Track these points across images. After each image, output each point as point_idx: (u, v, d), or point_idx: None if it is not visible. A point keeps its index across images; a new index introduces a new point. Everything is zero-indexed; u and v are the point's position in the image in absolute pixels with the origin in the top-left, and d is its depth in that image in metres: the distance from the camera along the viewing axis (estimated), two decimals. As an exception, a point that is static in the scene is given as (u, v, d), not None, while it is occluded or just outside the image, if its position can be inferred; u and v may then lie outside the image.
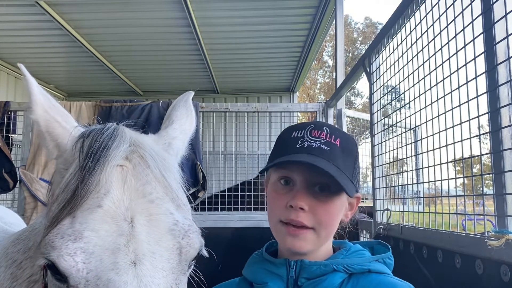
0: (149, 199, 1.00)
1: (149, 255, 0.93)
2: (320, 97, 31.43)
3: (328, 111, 4.67)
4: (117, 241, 0.92)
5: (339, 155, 1.19)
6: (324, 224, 1.17)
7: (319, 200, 1.16)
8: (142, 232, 0.94)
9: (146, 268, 0.91)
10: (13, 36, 5.91)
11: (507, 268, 1.46)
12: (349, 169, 1.20)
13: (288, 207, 1.16)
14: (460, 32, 1.86)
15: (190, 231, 1.02)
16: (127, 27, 5.62)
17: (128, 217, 0.95)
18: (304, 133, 1.22)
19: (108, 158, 1.01)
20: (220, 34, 5.93)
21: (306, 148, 1.19)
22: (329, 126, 1.25)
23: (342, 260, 1.19)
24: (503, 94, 1.59)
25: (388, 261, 1.23)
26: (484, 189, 1.84)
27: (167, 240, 0.97)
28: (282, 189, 1.21)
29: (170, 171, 1.10)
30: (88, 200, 0.96)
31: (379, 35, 2.93)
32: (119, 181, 1.00)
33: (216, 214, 4.40)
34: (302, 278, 1.17)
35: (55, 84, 8.34)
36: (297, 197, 1.15)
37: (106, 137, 1.05)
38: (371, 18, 46.60)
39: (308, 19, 5.63)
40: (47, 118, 1.13)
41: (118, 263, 0.90)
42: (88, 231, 0.92)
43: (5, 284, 1.37)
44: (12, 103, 4.54)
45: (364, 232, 3.35)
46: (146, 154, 1.07)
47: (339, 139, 1.21)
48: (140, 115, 4.37)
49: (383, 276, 1.17)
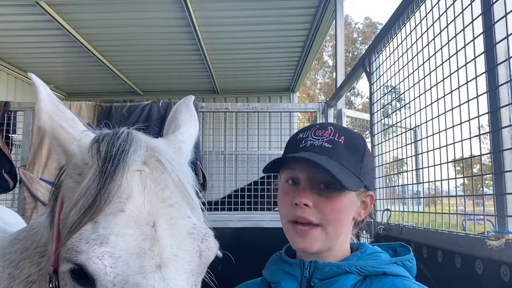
0: (169, 203, 1.02)
1: (172, 258, 0.95)
2: (320, 97, 31.44)
3: (328, 111, 4.67)
4: (142, 245, 0.94)
5: (343, 152, 1.19)
6: (331, 220, 1.17)
7: (324, 197, 1.17)
8: (165, 236, 0.97)
9: (170, 271, 0.94)
10: (13, 36, 5.91)
11: (507, 268, 1.46)
12: (355, 165, 1.20)
13: (293, 205, 1.18)
14: (460, 32, 1.86)
15: (207, 235, 1.05)
16: (127, 27, 5.62)
17: (150, 222, 0.97)
18: (309, 133, 1.25)
19: (127, 162, 1.03)
20: (220, 34, 5.93)
21: (308, 147, 1.21)
22: (335, 126, 1.26)
23: (356, 262, 1.18)
24: (503, 94, 1.59)
25: (408, 264, 1.21)
26: (484, 189, 1.84)
27: (187, 243, 1.00)
28: (289, 189, 1.23)
29: (185, 175, 1.12)
30: (110, 205, 0.97)
31: (379, 35, 2.93)
32: (139, 186, 1.02)
33: (216, 214, 4.40)
34: (315, 278, 1.18)
35: (55, 84, 8.34)
36: (300, 194, 1.17)
37: (123, 142, 1.07)
38: (371, 18, 46.58)
39: (308, 19, 5.63)
40: (52, 124, 1.14)
41: (145, 267, 0.91)
42: (113, 235, 0.93)
43: (2, 284, 1.37)
44: (12, 103, 4.55)
45: (364, 232, 3.35)
46: (163, 158, 1.09)
47: (344, 136, 1.22)
48: (140, 115, 4.37)
49: (400, 279, 1.15)
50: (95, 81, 8.09)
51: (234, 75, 7.87)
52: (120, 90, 8.53)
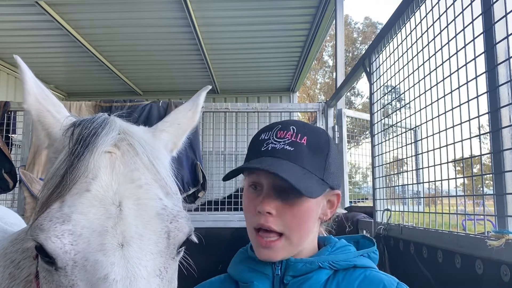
0: (138, 184, 1.02)
1: (137, 237, 0.95)
2: (320, 97, 31.44)
3: (328, 111, 4.67)
4: (104, 223, 0.94)
5: (305, 154, 1.16)
6: (294, 228, 1.15)
7: (287, 203, 1.15)
8: (130, 215, 0.97)
9: (133, 250, 0.93)
10: (13, 36, 5.91)
11: (507, 268, 1.46)
12: (318, 167, 1.17)
13: (257, 212, 1.15)
14: (460, 32, 1.86)
15: (179, 216, 1.04)
16: (127, 27, 5.62)
17: (116, 201, 0.97)
18: (271, 134, 1.21)
19: (96, 144, 1.03)
20: (220, 34, 5.93)
21: (270, 151, 1.17)
22: (297, 124, 1.23)
23: (328, 257, 1.18)
24: (503, 94, 1.58)
25: (373, 255, 1.23)
26: (484, 189, 1.84)
27: (155, 223, 0.99)
28: (252, 194, 1.20)
29: (159, 159, 1.12)
30: (76, 185, 0.98)
31: (379, 35, 2.93)
32: (108, 167, 1.02)
33: (216, 214, 4.40)
34: (288, 276, 1.16)
35: (55, 84, 8.34)
36: (264, 202, 1.14)
37: (96, 125, 1.08)
38: (371, 18, 46.62)
39: (308, 19, 5.63)
40: (39, 108, 1.16)
41: (106, 244, 0.92)
42: (77, 214, 0.94)
43: (3, 284, 1.37)
44: (12, 103, 4.55)
45: (364, 232, 3.35)
46: (135, 141, 1.09)
47: (306, 137, 1.18)
48: (140, 115, 4.37)
49: (369, 270, 1.17)
50: (95, 81, 8.09)
51: (234, 75, 7.87)
52: (120, 90, 8.53)
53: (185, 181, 4.32)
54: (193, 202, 4.40)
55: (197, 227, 4.09)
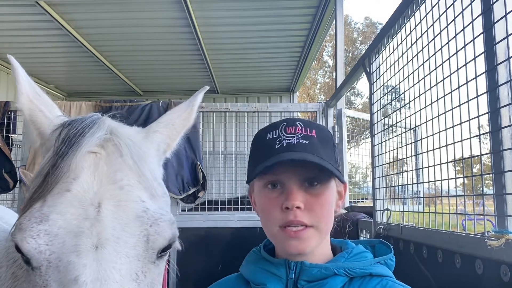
0: (119, 185, 1.01)
1: (113, 240, 0.93)
2: (320, 97, 31.44)
3: (328, 111, 4.68)
4: (81, 224, 0.93)
5: (319, 145, 1.17)
6: (322, 217, 1.16)
7: (312, 194, 1.15)
8: (107, 217, 0.95)
9: (107, 252, 0.92)
10: (13, 36, 5.91)
11: (507, 268, 1.46)
12: (331, 157, 1.19)
13: (284, 209, 1.13)
14: (460, 32, 1.86)
15: (160, 220, 1.01)
16: (127, 27, 5.63)
17: (95, 202, 0.96)
18: (279, 132, 1.20)
19: (81, 144, 1.02)
20: (220, 34, 5.93)
21: (286, 146, 1.16)
22: (301, 120, 1.23)
23: (344, 264, 1.16)
24: (503, 94, 1.58)
25: (389, 262, 1.21)
26: (484, 189, 1.84)
27: (134, 226, 0.97)
28: (272, 193, 1.17)
29: (145, 160, 1.10)
30: (58, 185, 0.98)
31: (379, 35, 2.93)
32: (91, 167, 1.01)
33: (216, 214, 4.40)
34: (302, 280, 1.15)
35: (55, 84, 8.34)
36: (291, 197, 1.13)
37: (84, 125, 1.07)
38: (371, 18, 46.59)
39: (308, 19, 5.63)
40: (31, 107, 1.16)
41: (80, 245, 0.91)
42: (55, 214, 0.94)
43: (6, 283, 1.37)
44: (12, 103, 4.55)
45: (364, 232, 3.35)
46: (121, 142, 1.08)
47: (314, 130, 1.20)
48: (140, 115, 4.37)
49: (386, 280, 1.14)
50: (95, 81, 8.09)
51: (234, 75, 7.87)
52: (120, 90, 8.53)
53: (185, 181, 4.32)
54: (193, 202, 4.40)
55: (197, 227, 4.13)
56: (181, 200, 4.33)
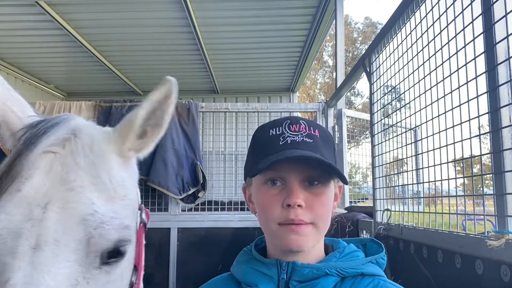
0: (70, 186, 0.97)
1: (52, 242, 0.90)
2: (320, 97, 31.44)
3: (328, 111, 4.68)
4: (23, 225, 0.91)
5: (322, 145, 1.17)
6: (322, 216, 1.15)
7: (313, 193, 1.15)
8: (51, 219, 0.92)
9: (45, 256, 0.88)
10: (13, 36, 5.91)
11: (507, 268, 1.46)
12: (332, 158, 1.19)
13: (285, 206, 1.13)
14: (460, 32, 1.86)
15: (108, 223, 0.96)
16: (127, 27, 5.63)
17: (42, 203, 0.94)
18: (283, 129, 1.19)
19: (37, 144, 1.00)
20: (220, 34, 5.93)
21: (290, 143, 1.15)
22: (304, 119, 1.23)
23: (335, 264, 1.15)
24: (503, 94, 1.58)
25: (381, 261, 1.21)
26: (484, 189, 1.84)
27: (77, 229, 0.93)
28: (272, 190, 1.16)
29: (105, 162, 1.05)
30: (12, 185, 0.96)
31: (379, 35, 2.93)
32: (45, 168, 0.99)
33: (216, 214, 4.40)
34: (294, 280, 1.14)
35: (55, 84, 8.34)
36: (293, 195, 1.12)
37: (49, 125, 1.04)
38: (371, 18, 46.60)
39: (308, 19, 5.63)
40: (4, 108, 1.13)
41: (18, 247, 0.88)
42: (3, 214, 0.92)
43: None
44: (12, 103, 4.54)
45: (364, 232, 3.35)
46: (79, 142, 1.04)
47: (317, 130, 1.20)
48: (140, 115, 4.37)
49: (377, 279, 1.14)
50: (95, 81, 8.09)
51: (234, 75, 7.87)
52: (120, 90, 8.53)
53: (185, 181, 4.32)
54: (193, 202, 4.40)
55: (197, 227, 4.13)
56: (181, 200, 4.33)
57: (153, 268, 4.25)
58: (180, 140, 4.35)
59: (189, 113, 4.45)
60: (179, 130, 4.38)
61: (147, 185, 4.27)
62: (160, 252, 4.29)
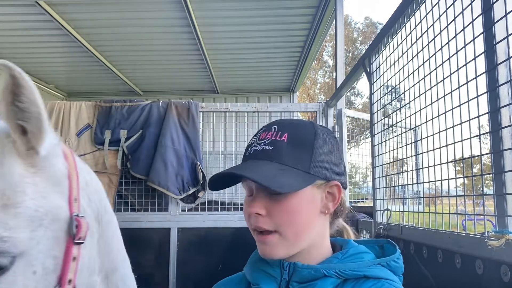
0: None
1: None
2: (320, 97, 31.45)
3: (328, 111, 4.68)
4: None
5: (285, 150, 1.15)
6: (285, 224, 1.13)
7: (275, 200, 1.13)
8: None
9: None
10: (13, 36, 5.90)
11: (507, 268, 1.46)
12: (302, 159, 1.14)
13: (251, 215, 1.16)
14: (460, 32, 1.86)
15: None
16: (127, 27, 5.62)
17: None
18: (256, 138, 1.22)
19: None
20: (220, 34, 5.93)
21: (252, 154, 1.19)
22: (281, 122, 1.22)
23: (335, 265, 1.13)
24: (503, 94, 1.58)
25: (393, 264, 1.16)
26: (484, 189, 1.84)
27: None
28: (247, 198, 1.21)
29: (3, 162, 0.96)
30: None
31: (379, 35, 2.93)
32: None
33: (216, 214, 4.40)
34: (294, 281, 1.14)
35: (55, 84, 8.34)
36: (251, 204, 1.15)
37: None
38: (371, 18, 46.62)
39: (308, 19, 5.63)
40: None
41: None
42: None
43: None
44: (12, 103, 4.54)
45: (364, 232, 3.35)
46: None
47: (287, 133, 1.17)
48: (140, 115, 4.37)
49: (381, 282, 1.09)
50: (95, 81, 8.09)
51: (234, 75, 7.87)
52: (120, 90, 8.52)
53: (185, 181, 4.32)
54: (193, 202, 4.40)
55: (197, 227, 4.14)
56: (181, 200, 4.33)
57: (153, 268, 4.25)
58: (180, 140, 4.35)
59: (189, 113, 4.45)
60: (179, 130, 4.38)
61: (147, 185, 4.27)
62: (160, 252, 4.29)
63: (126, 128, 4.34)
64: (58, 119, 4.37)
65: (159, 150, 4.24)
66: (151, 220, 4.34)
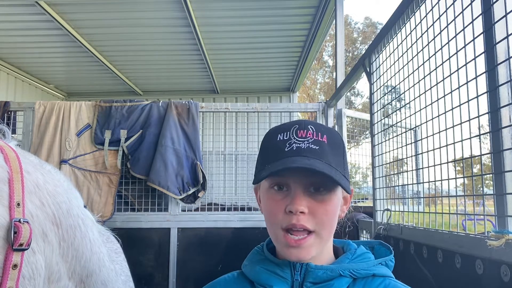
0: None
1: None
2: (320, 97, 31.44)
3: (328, 111, 4.67)
4: None
5: (329, 151, 1.16)
6: (325, 223, 1.15)
7: (317, 200, 1.14)
8: None
9: None
10: (13, 36, 5.91)
11: (507, 268, 1.46)
12: (340, 164, 1.17)
13: (288, 212, 1.13)
14: (460, 32, 1.87)
15: None
16: (127, 27, 5.63)
17: None
18: (290, 134, 1.18)
19: None
20: (220, 34, 5.93)
21: (295, 150, 1.15)
22: (313, 124, 1.21)
23: (348, 265, 1.17)
24: (503, 94, 1.59)
25: (390, 264, 1.22)
26: (484, 189, 1.84)
27: None
28: (277, 195, 1.16)
29: None
30: None
31: (379, 35, 2.93)
32: None
33: (216, 214, 4.40)
34: (308, 282, 1.15)
35: (55, 84, 8.34)
36: (295, 201, 1.12)
37: None
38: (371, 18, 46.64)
39: (308, 19, 5.63)
40: None
41: None
42: None
43: None
44: (12, 103, 4.55)
45: (364, 232, 3.35)
46: None
47: (325, 135, 1.18)
48: (140, 115, 4.37)
49: (388, 280, 1.16)
50: (95, 81, 8.09)
51: (234, 75, 7.87)
52: (120, 90, 8.53)
53: (185, 181, 4.31)
54: (193, 202, 4.40)
55: (197, 227, 4.14)
56: (181, 200, 4.33)
57: (153, 268, 4.25)
58: (180, 140, 4.35)
59: (189, 113, 4.44)
60: (179, 130, 4.37)
61: (147, 185, 4.27)
62: (160, 252, 4.29)
63: (126, 128, 4.34)
64: (58, 119, 4.37)
65: (159, 150, 4.24)
66: (151, 220, 4.33)
